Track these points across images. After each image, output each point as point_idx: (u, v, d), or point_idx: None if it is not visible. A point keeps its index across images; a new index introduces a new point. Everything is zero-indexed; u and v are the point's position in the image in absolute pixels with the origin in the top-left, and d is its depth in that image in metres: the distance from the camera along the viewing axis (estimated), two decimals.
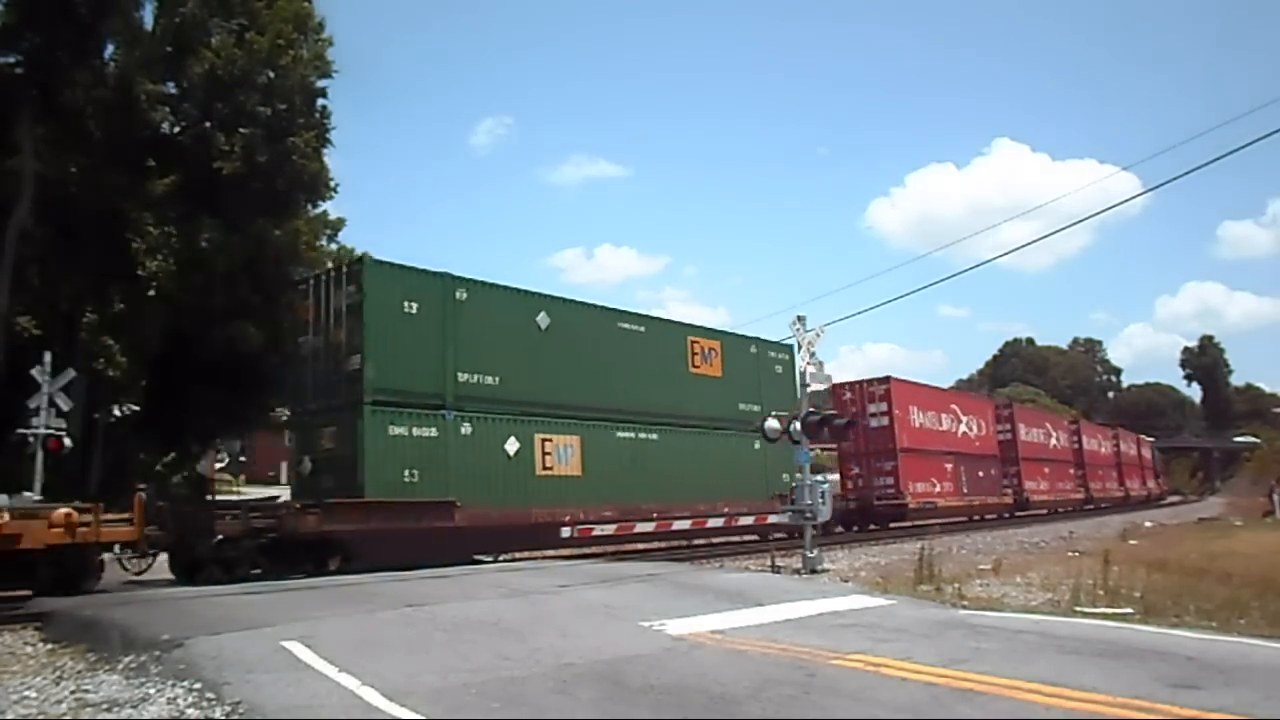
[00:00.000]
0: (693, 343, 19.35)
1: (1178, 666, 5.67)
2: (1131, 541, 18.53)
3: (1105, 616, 8.25)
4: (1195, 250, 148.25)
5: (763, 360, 21.04)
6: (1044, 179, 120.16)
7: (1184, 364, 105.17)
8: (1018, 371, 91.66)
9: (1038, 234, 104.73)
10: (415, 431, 13.58)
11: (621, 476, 16.71)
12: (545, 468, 15.43)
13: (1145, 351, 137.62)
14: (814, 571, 12.66)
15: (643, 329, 18.33)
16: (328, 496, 13.17)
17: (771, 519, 18.56)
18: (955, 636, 6.87)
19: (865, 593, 9.87)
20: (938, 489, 26.33)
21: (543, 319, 15.67)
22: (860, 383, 26.22)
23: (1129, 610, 8.61)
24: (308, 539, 12.57)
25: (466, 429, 12.67)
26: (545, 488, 15.39)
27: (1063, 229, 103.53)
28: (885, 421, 24.96)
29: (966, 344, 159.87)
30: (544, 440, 15.45)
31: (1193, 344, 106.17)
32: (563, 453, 15.76)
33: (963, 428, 29.17)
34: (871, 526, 24.09)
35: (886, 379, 26.17)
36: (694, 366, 19.14)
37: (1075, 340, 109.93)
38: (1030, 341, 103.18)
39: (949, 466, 27.26)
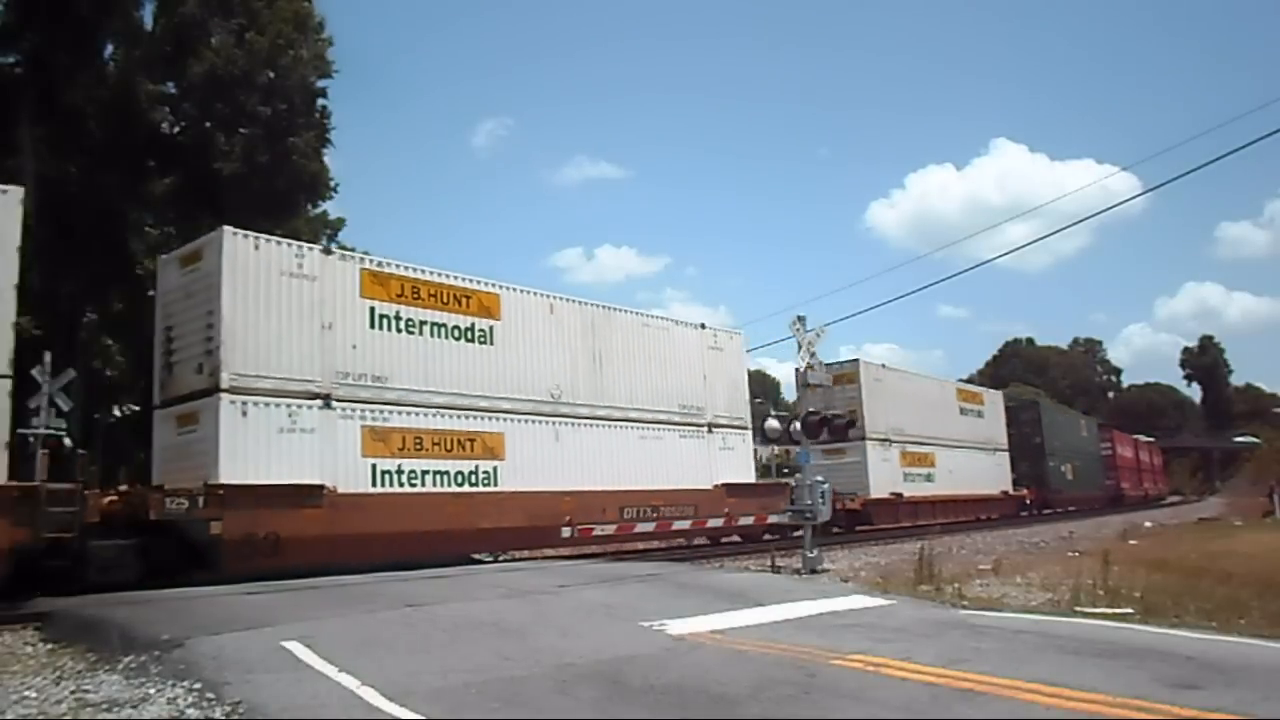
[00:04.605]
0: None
1: (1178, 666, 5.67)
2: (1131, 541, 18.52)
3: (1105, 616, 8.25)
4: (1194, 250, 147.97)
5: (995, 409, 32.57)
6: (1043, 179, 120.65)
7: (1184, 364, 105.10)
8: (1018, 371, 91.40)
9: (1037, 234, 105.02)
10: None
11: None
12: None
13: (1145, 351, 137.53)
14: (814, 571, 12.65)
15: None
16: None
17: (772, 519, 18.66)
18: (955, 636, 6.88)
19: (865, 593, 9.87)
20: (1129, 485, 47.40)
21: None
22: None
23: (1129, 610, 8.60)
24: None
25: None
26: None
27: (1063, 229, 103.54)
28: (1109, 451, 44.89)
29: (966, 344, 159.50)
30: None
31: (1192, 344, 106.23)
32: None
33: (1127, 451, 49.27)
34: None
35: (1111, 428, 48.61)
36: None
37: (1075, 340, 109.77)
38: (1030, 341, 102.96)
39: (1126, 472, 47.74)
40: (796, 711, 4.79)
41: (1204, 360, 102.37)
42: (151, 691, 5.36)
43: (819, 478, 13.86)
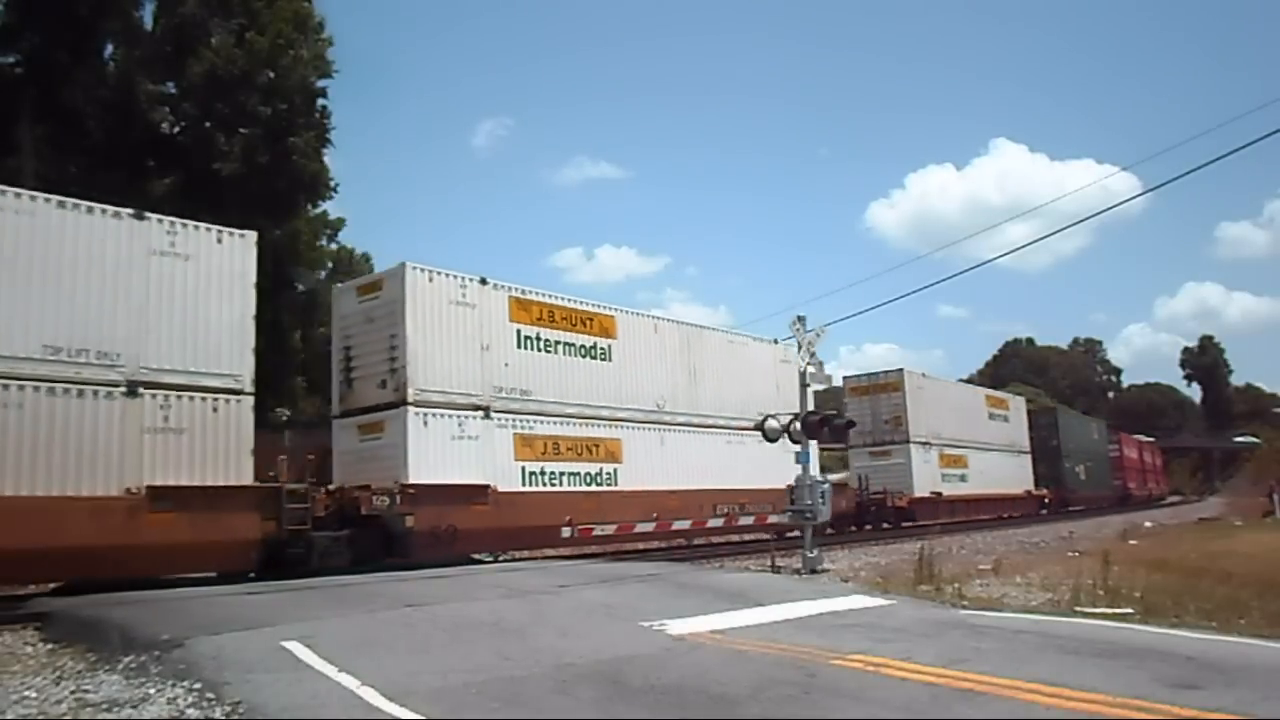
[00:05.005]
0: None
1: (1178, 666, 5.67)
2: (1131, 541, 18.52)
3: (1105, 616, 8.25)
4: (1193, 250, 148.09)
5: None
6: (1043, 179, 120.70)
7: (1184, 364, 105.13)
8: (1018, 371, 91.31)
9: (1037, 234, 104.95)
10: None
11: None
12: None
13: (1145, 351, 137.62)
14: (814, 571, 12.65)
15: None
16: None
17: (772, 519, 18.77)
18: (955, 636, 6.88)
19: (865, 593, 9.87)
20: (1135, 485, 49.01)
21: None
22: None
23: (1129, 610, 8.60)
24: None
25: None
26: None
27: (1063, 229, 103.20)
28: (1117, 453, 46.12)
29: (966, 344, 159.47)
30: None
31: (1192, 344, 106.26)
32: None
33: (1133, 453, 51.05)
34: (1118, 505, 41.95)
35: (1118, 430, 50.47)
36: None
37: (1075, 340, 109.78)
38: (1030, 341, 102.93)
39: (1132, 473, 49.32)
40: (796, 711, 4.79)
41: (1204, 360, 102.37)
42: (151, 691, 5.36)
43: (819, 478, 13.86)
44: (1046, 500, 34.58)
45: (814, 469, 20.22)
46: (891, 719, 4.64)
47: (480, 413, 14.37)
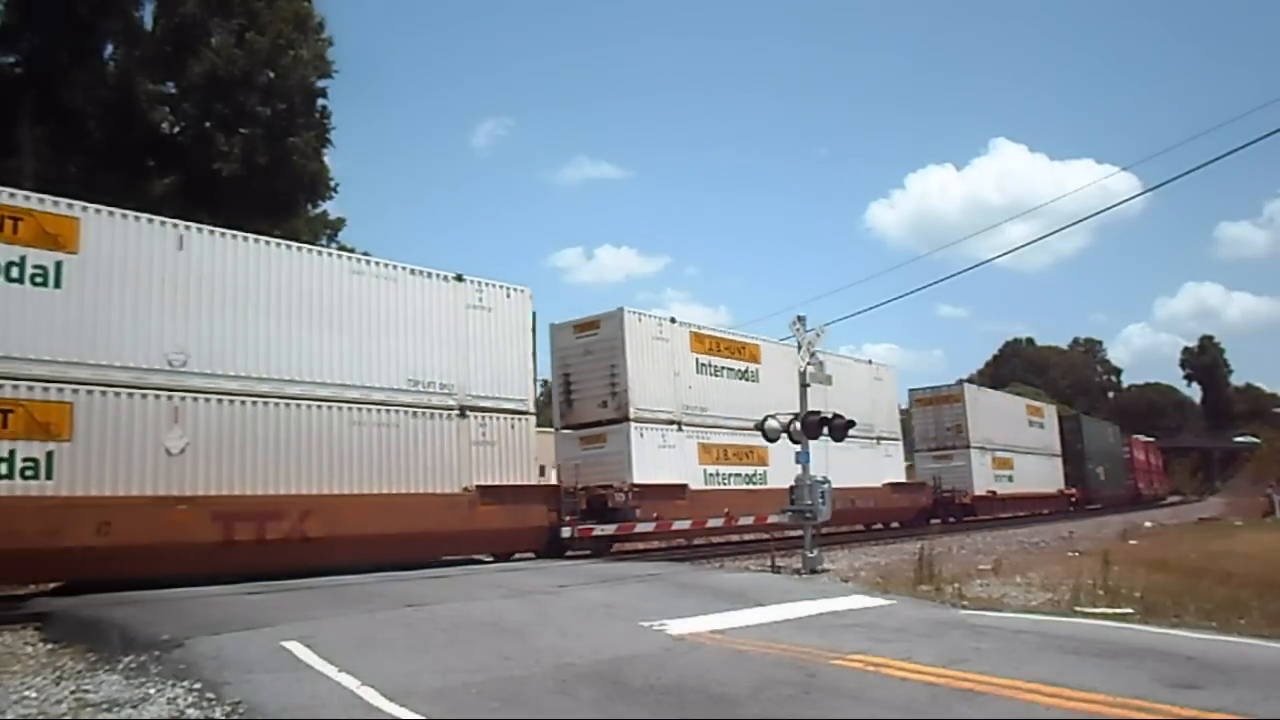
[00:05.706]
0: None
1: (1178, 666, 5.67)
2: (1131, 541, 18.52)
3: (1105, 616, 8.25)
4: (1193, 251, 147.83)
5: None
6: (1043, 179, 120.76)
7: (1184, 364, 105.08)
8: (1018, 371, 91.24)
9: (1037, 234, 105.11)
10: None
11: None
12: None
13: (1145, 351, 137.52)
14: (814, 571, 12.64)
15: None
16: None
17: (771, 519, 18.86)
18: (955, 636, 6.88)
19: (865, 593, 9.87)
20: (1143, 485, 50.92)
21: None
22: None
23: (1129, 610, 8.60)
24: None
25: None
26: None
27: (1062, 229, 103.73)
28: (1128, 455, 48.44)
29: (966, 344, 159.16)
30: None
31: (1192, 344, 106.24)
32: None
33: (1141, 454, 52.71)
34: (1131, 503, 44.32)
35: (1129, 434, 51.77)
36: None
37: (1075, 340, 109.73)
38: (1030, 341, 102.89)
39: (1141, 473, 51.31)
40: (796, 711, 4.79)
41: (1204, 360, 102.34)
42: (151, 691, 5.36)
43: (820, 477, 13.85)
44: (1074, 499, 37.13)
45: (902, 471, 24.82)
46: (891, 719, 4.64)
47: (675, 426, 17.89)
